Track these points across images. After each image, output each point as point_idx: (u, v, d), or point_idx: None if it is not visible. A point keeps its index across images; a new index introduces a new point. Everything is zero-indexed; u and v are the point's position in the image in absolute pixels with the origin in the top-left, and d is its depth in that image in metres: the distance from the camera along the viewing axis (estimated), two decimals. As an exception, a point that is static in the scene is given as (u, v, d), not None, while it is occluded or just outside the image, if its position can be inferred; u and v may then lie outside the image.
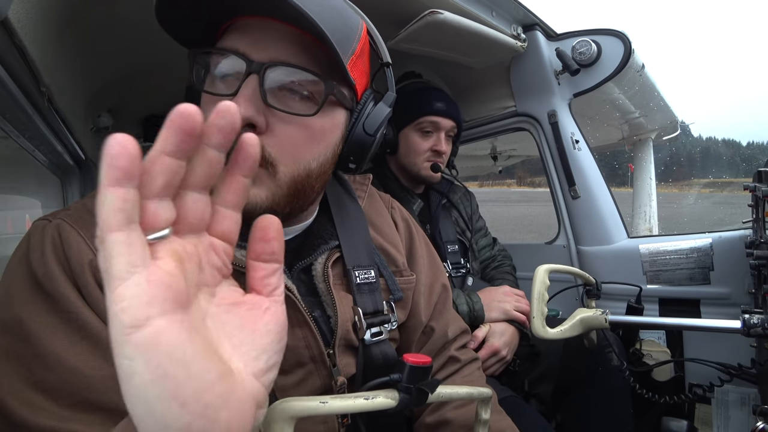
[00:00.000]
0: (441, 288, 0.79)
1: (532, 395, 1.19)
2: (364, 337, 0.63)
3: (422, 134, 1.25)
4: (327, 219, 0.67)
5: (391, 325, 0.67)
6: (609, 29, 1.31)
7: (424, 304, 0.75)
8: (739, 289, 1.14)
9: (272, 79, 0.49)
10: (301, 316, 0.57)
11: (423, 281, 0.76)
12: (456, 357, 0.77)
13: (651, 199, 2.09)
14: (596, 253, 1.39)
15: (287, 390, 0.57)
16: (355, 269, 0.65)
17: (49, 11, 0.74)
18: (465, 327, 0.82)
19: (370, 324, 0.64)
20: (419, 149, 1.25)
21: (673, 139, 2.30)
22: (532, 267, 0.92)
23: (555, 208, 1.49)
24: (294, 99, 0.51)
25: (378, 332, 0.64)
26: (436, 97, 1.24)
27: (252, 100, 0.48)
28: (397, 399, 0.47)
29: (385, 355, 0.65)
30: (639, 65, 1.40)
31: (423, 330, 0.75)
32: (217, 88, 0.51)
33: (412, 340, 0.74)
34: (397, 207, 0.81)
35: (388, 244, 0.73)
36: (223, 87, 0.51)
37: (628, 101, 1.68)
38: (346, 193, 0.72)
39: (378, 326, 0.65)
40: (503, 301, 1.16)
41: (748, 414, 1.04)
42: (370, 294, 0.65)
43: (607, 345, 1.05)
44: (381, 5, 1.03)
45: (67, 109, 1.09)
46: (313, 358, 0.59)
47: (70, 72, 1.01)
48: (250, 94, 0.48)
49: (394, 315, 0.68)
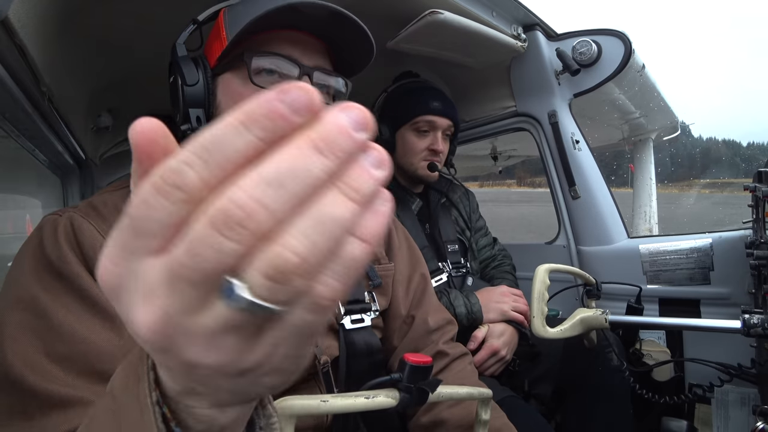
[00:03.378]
0: (420, 278, 0.82)
1: (531, 395, 1.19)
2: (343, 323, 0.67)
3: (419, 134, 1.25)
4: None
5: (372, 314, 0.71)
6: (609, 29, 1.31)
7: (402, 294, 0.79)
8: (739, 289, 1.14)
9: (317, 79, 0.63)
10: None
11: (401, 271, 0.80)
12: (444, 351, 0.78)
13: (651, 200, 2.09)
14: (596, 253, 1.39)
15: None
16: None
17: (49, 11, 0.74)
18: (449, 318, 0.84)
19: (350, 311, 0.68)
20: (416, 149, 1.25)
21: (673, 140, 2.30)
22: (532, 267, 0.92)
23: (555, 208, 1.49)
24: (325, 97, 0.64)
25: (359, 319, 0.69)
26: (432, 97, 1.24)
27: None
28: (398, 398, 0.47)
29: (368, 342, 0.69)
30: (639, 65, 1.40)
31: (404, 320, 0.78)
32: (268, 85, 0.60)
33: (393, 328, 0.77)
34: None
35: None
36: (271, 84, 0.60)
37: (629, 101, 1.68)
38: None
39: (358, 313, 0.69)
40: (501, 302, 1.16)
41: (748, 414, 1.04)
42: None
43: (607, 345, 1.05)
44: (381, 5, 1.03)
45: (67, 109, 1.09)
46: None
47: (70, 72, 1.01)
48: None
49: (375, 304, 0.72)
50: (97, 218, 0.55)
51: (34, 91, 0.87)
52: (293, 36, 0.62)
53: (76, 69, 1.04)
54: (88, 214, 0.55)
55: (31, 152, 1.18)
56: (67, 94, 1.05)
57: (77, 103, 1.19)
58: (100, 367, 0.46)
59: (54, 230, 0.52)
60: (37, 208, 1.61)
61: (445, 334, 0.81)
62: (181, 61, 0.62)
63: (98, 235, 0.52)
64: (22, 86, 0.82)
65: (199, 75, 0.61)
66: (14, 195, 1.54)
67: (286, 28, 0.62)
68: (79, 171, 1.57)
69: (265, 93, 0.17)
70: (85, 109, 1.27)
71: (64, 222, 0.53)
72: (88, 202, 0.59)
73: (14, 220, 1.57)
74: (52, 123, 1.07)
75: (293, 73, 0.62)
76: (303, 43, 0.63)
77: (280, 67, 0.61)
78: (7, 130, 0.95)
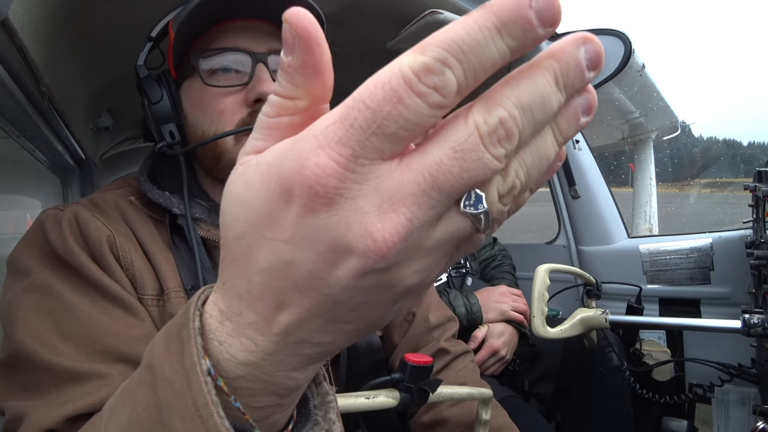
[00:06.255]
0: None
1: (532, 395, 1.19)
2: None
3: None
4: None
5: None
6: (609, 29, 1.31)
7: None
8: (739, 289, 1.14)
9: (273, 64, 0.59)
10: None
11: None
12: (445, 349, 0.78)
13: (651, 199, 2.09)
14: (596, 253, 1.39)
15: None
16: None
17: (49, 11, 0.74)
18: (450, 315, 0.83)
19: None
20: None
21: (673, 139, 2.29)
22: (532, 267, 0.92)
23: (555, 208, 1.49)
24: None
25: None
26: None
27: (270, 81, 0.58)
28: (398, 398, 0.47)
29: (369, 341, 0.69)
30: (639, 65, 1.40)
31: (404, 317, 0.77)
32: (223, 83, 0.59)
33: (394, 326, 0.77)
34: None
35: None
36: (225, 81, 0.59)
37: (629, 101, 1.68)
38: None
39: None
40: (500, 302, 1.16)
41: (748, 414, 1.04)
42: None
43: (607, 345, 1.05)
44: (381, 5, 1.03)
45: (67, 109, 1.09)
46: None
47: (70, 72, 1.01)
48: (268, 77, 0.58)
49: None
50: (100, 213, 0.56)
51: (34, 91, 0.86)
52: (236, 25, 0.60)
53: (76, 69, 1.04)
54: (91, 208, 0.56)
55: (31, 152, 1.18)
56: (67, 94, 1.05)
57: (77, 103, 1.18)
58: (116, 347, 0.46)
59: (58, 223, 0.52)
60: (37, 208, 1.61)
61: (446, 332, 0.80)
62: (144, 81, 0.62)
63: (103, 227, 0.53)
64: (22, 86, 0.82)
65: (162, 91, 0.61)
66: (14, 195, 1.54)
67: (226, 20, 0.60)
68: (79, 171, 1.57)
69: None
70: (85, 109, 1.27)
71: (68, 215, 0.53)
72: (88, 199, 0.59)
73: (14, 220, 1.57)
74: (52, 123, 1.06)
75: (246, 64, 0.59)
76: (248, 30, 0.60)
77: (231, 62, 0.59)
78: (7, 130, 0.95)
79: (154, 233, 0.58)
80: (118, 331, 0.47)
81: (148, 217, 0.60)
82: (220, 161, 0.61)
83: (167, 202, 0.58)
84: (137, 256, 0.54)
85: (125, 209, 0.59)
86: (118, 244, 0.53)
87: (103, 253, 0.51)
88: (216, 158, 0.61)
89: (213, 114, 0.59)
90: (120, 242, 0.53)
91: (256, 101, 0.58)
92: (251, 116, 0.59)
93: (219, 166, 0.61)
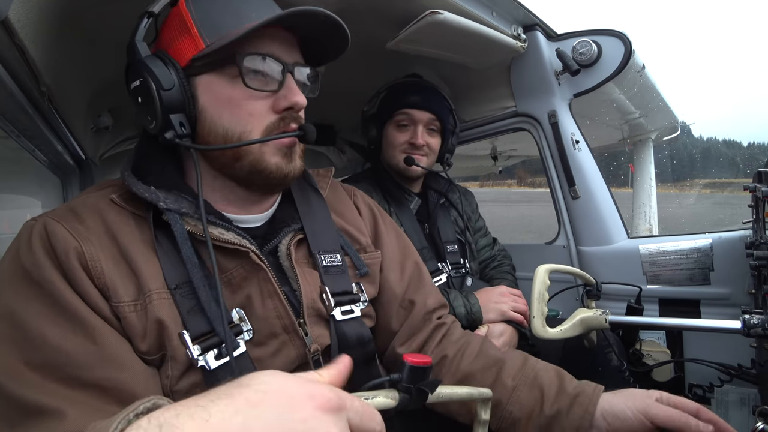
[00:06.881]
0: (413, 265, 0.84)
1: (532, 395, 1.19)
2: (333, 314, 0.67)
3: (399, 127, 1.26)
4: (292, 207, 0.73)
5: (362, 304, 0.72)
6: (609, 30, 1.31)
7: (395, 279, 0.80)
8: (739, 289, 1.14)
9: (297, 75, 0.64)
10: (272, 286, 0.62)
11: (392, 257, 0.81)
12: (440, 323, 0.82)
13: (651, 200, 2.09)
14: (596, 253, 1.39)
15: (264, 361, 0.60)
16: (320, 253, 0.70)
17: (49, 11, 0.74)
18: (443, 301, 0.86)
19: (339, 302, 0.68)
20: (395, 142, 1.26)
21: (673, 140, 2.30)
22: (532, 267, 0.92)
23: (555, 209, 1.49)
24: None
25: (349, 310, 0.69)
26: (412, 91, 1.26)
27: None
28: (397, 399, 0.47)
29: (359, 333, 0.69)
30: (639, 66, 1.40)
31: (401, 304, 0.79)
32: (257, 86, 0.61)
33: (390, 314, 0.78)
34: (360, 195, 0.88)
35: (350, 226, 0.79)
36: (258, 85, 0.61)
37: (629, 102, 1.68)
38: (309, 185, 0.78)
39: (348, 305, 0.70)
40: (500, 302, 1.16)
41: (748, 414, 1.04)
42: (338, 275, 0.71)
43: (607, 345, 1.05)
44: (381, 5, 1.03)
45: (67, 109, 1.09)
46: (286, 329, 0.62)
47: (70, 72, 1.01)
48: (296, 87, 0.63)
49: (364, 294, 0.73)
50: (73, 220, 0.56)
51: (34, 91, 0.87)
52: (270, 32, 0.61)
53: (76, 69, 1.04)
54: (62, 217, 0.56)
55: (31, 152, 1.18)
56: (67, 94, 1.05)
57: (77, 103, 1.19)
58: (75, 374, 0.47)
59: (29, 237, 0.53)
60: (37, 208, 1.61)
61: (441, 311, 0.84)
62: (148, 61, 0.58)
63: (71, 238, 0.53)
64: (22, 86, 0.82)
65: (173, 76, 0.58)
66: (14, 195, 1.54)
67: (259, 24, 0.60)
68: (79, 171, 1.57)
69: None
70: (85, 109, 1.27)
71: (39, 227, 0.54)
72: (66, 205, 0.60)
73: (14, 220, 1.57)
74: (52, 123, 1.06)
75: (276, 71, 0.61)
76: (279, 38, 0.63)
77: (266, 67, 0.61)
78: (7, 130, 0.95)
79: (135, 233, 0.58)
80: (77, 357, 0.48)
81: (130, 214, 0.59)
82: (240, 160, 0.61)
83: (153, 197, 0.58)
84: (109, 263, 0.54)
85: (104, 210, 0.58)
86: (86, 254, 0.53)
87: (70, 266, 0.51)
88: (235, 157, 0.61)
89: (241, 115, 0.60)
90: (88, 251, 0.53)
91: (286, 109, 0.61)
92: (281, 121, 0.62)
93: (237, 164, 0.62)
